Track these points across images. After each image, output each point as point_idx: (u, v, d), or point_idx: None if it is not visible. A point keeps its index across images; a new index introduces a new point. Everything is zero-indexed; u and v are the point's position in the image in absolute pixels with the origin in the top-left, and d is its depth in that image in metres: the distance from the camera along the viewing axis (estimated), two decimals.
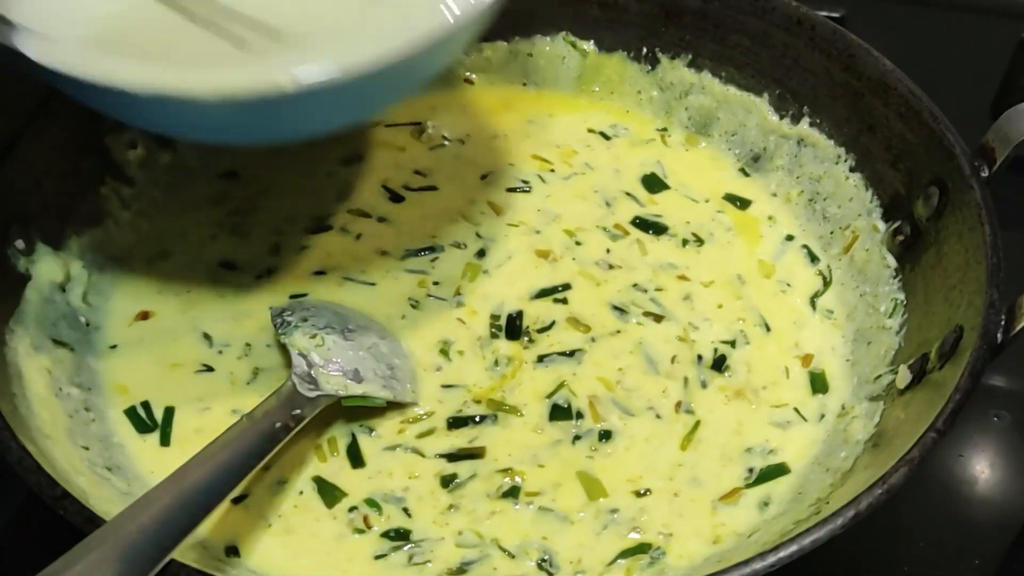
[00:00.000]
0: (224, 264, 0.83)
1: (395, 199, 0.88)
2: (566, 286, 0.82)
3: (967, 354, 0.65)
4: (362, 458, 0.72)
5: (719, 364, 0.78)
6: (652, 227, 0.87)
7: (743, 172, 0.92)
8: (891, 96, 0.81)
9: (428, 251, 0.84)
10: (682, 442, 0.73)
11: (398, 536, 0.68)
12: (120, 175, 0.84)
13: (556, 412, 0.74)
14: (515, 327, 0.79)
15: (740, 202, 0.90)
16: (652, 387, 0.76)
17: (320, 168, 0.90)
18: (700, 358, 0.78)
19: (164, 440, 0.73)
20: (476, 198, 0.88)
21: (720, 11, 0.90)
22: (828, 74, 0.86)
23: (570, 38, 0.95)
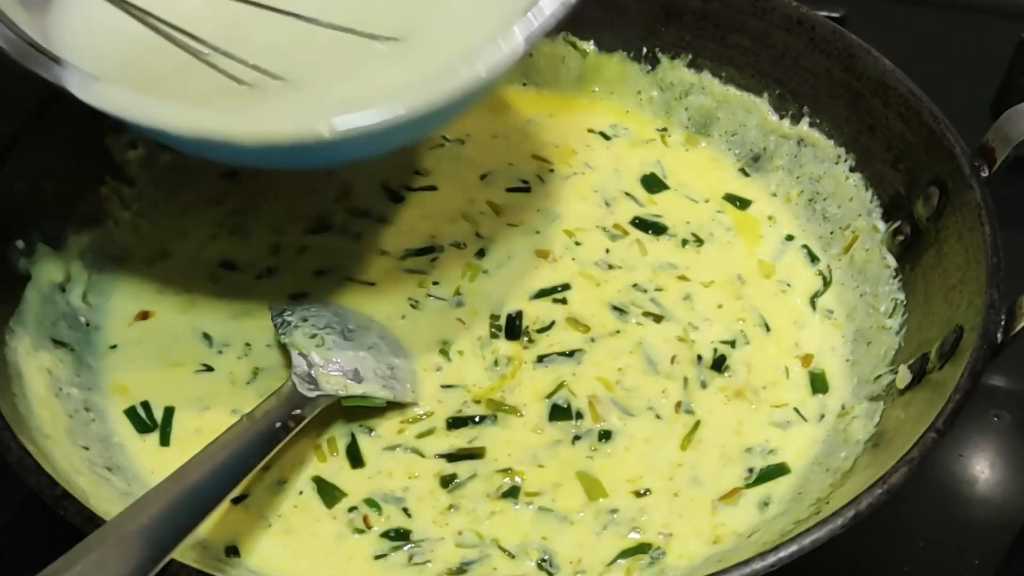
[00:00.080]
0: (224, 264, 0.83)
1: (395, 199, 0.88)
2: (566, 286, 0.82)
3: (967, 354, 0.65)
4: (362, 458, 0.72)
5: (719, 364, 0.78)
6: (652, 227, 0.87)
7: (743, 172, 0.92)
8: (891, 96, 0.81)
9: (428, 251, 0.84)
10: (682, 442, 0.73)
11: (398, 536, 0.68)
12: (120, 175, 0.84)
13: (556, 412, 0.74)
14: (515, 327, 0.79)
15: (740, 202, 0.90)
16: (652, 387, 0.76)
17: (320, 168, 0.90)
18: (700, 358, 0.78)
19: (164, 440, 0.73)
20: (476, 198, 0.88)
21: (720, 11, 0.90)
22: (828, 74, 0.86)
23: (570, 38, 0.95)
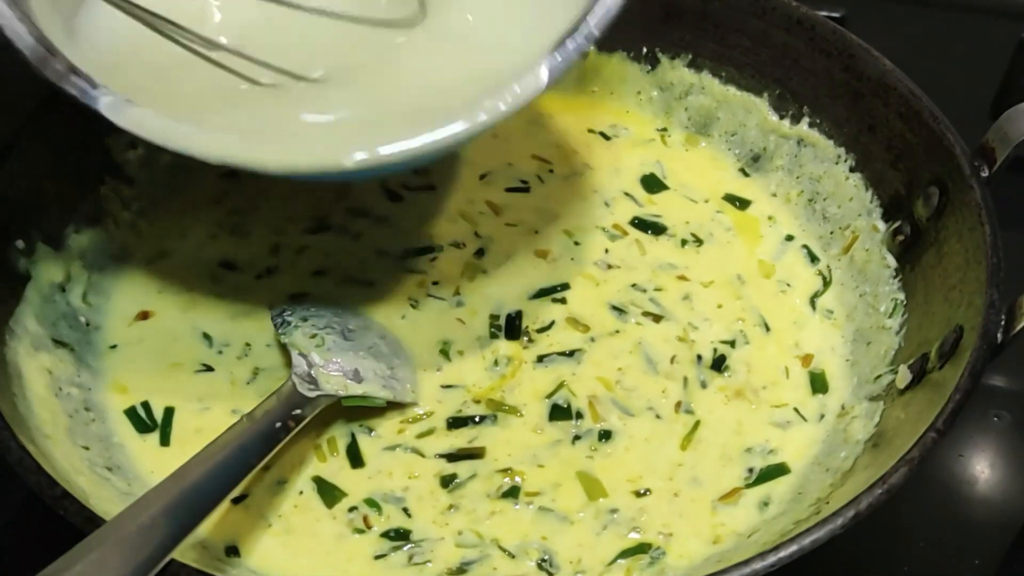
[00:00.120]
0: (224, 264, 0.83)
1: (394, 199, 0.88)
2: (565, 286, 0.82)
3: (967, 354, 0.65)
4: (362, 458, 0.72)
5: (719, 364, 0.78)
6: (651, 227, 0.87)
7: (743, 172, 0.92)
8: (891, 96, 0.81)
9: (427, 251, 0.84)
10: (682, 442, 0.73)
11: (398, 536, 0.68)
12: (120, 175, 0.84)
13: (556, 412, 0.74)
14: (514, 327, 0.79)
15: (740, 202, 0.90)
16: (652, 387, 0.76)
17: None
18: (700, 358, 0.78)
19: (164, 440, 0.73)
20: (475, 198, 0.88)
21: (720, 11, 0.90)
22: (828, 74, 0.86)
23: None
